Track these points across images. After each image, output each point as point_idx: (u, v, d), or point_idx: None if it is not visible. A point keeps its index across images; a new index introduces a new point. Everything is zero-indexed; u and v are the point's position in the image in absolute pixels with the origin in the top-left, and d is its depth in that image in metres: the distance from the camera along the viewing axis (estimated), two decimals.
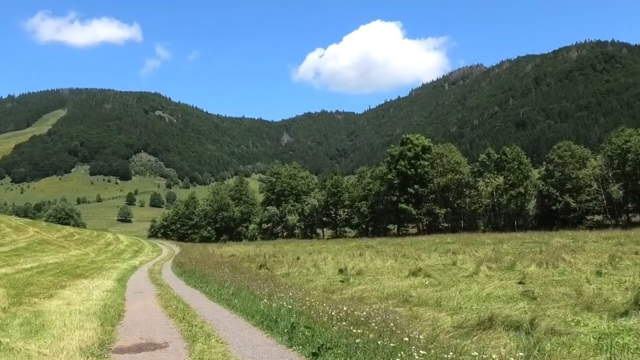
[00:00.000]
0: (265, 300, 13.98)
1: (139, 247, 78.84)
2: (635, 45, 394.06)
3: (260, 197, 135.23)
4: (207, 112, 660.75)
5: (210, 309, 14.96)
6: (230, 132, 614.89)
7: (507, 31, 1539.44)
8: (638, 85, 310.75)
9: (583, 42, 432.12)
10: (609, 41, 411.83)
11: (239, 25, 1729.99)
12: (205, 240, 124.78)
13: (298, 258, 39.72)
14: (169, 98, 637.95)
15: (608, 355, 8.89)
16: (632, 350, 9.26)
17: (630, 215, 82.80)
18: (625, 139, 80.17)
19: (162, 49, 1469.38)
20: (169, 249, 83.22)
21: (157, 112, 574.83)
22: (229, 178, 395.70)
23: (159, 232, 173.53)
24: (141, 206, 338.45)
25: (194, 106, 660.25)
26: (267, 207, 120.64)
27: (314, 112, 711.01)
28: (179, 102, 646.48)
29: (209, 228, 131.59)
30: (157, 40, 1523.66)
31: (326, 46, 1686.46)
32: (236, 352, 9.38)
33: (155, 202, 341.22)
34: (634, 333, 10.56)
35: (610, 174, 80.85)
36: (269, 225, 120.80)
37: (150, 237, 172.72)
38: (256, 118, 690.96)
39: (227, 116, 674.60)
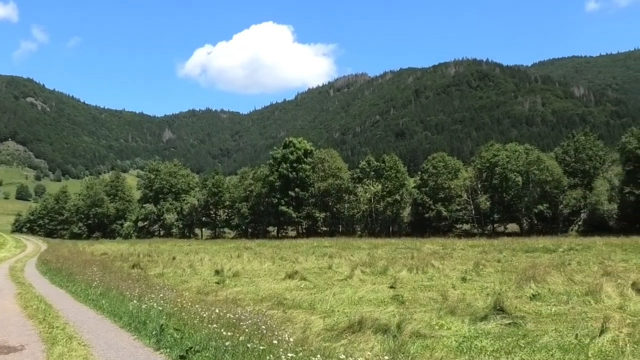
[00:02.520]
0: (135, 302, 13.51)
1: (1, 242, 74.07)
2: (507, 65, 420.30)
3: (137, 194, 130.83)
4: (84, 103, 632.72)
5: (75, 310, 14.27)
6: (108, 124, 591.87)
7: (392, 44, 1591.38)
8: (508, 104, 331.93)
9: (460, 59, 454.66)
10: (484, 60, 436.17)
11: (125, 14, 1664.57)
12: (76, 237, 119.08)
13: (174, 258, 38.87)
14: (43, 85, 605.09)
15: (467, 357, 9.34)
16: (488, 353, 9.78)
17: (495, 225, 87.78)
18: (494, 153, 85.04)
19: (40, 32, 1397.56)
20: (34, 245, 78.84)
21: (29, 99, 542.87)
22: (105, 172, 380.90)
23: (25, 226, 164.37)
24: (6, 198, 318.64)
25: (70, 95, 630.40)
26: (144, 205, 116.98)
27: (198, 109, 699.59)
28: (54, 89, 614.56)
29: (80, 224, 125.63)
30: (34, 21, 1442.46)
31: (215, 43, 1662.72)
32: (99, 355, 8.99)
33: (22, 195, 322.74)
34: (491, 336, 11.17)
35: (479, 186, 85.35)
36: (145, 223, 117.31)
37: (14, 231, 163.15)
38: (137, 112, 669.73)
39: (106, 108, 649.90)
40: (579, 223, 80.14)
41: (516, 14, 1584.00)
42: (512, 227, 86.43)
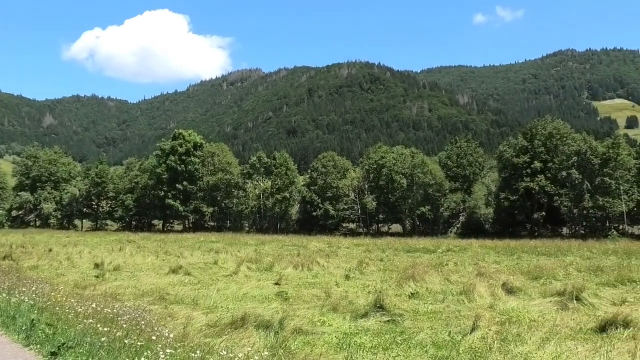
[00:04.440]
0: (4, 295, 12.74)
1: None
2: (397, 70, 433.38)
3: (12, 182, 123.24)
4: None
5: None
6: None
7: (288, 42, 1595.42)
8: (397, 107, 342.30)
9: (354, 61, 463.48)
10: (376, 64, 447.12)
11: None
12: None
13: (50, 250, 37.02)
14: None
15: (346, 353, 9.53)
16: (367, 349, 10.04)
17: (380, 225, 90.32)
18: (382, 155, 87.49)
19: None
20: None
21: None
22: None
23: None
24: None
25: None
26: (19, 193, 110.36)
27: (83, 95, 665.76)
28: None
29: None
30: None
31: (105, 27, 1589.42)
32: None
33: None
34: (370, 333, 11.47)
35: (366, 186, 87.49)
36: (20, 212, 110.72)
37: None
38: (15, 94, 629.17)
39: None
40: (458, 225, 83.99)
41: (408, 21, 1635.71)
42: (396, 227, 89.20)
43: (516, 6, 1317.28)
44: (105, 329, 8.77)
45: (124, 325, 9.27)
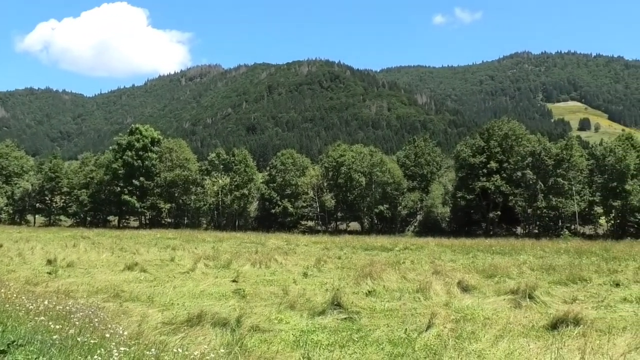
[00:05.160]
0: None
1: None
2: (357, 69, 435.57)
3: None
4: None
5: None
6: None
7: (249, 38, 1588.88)
8: (356, 106, 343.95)
9: (314, 59, 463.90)
10: (336, 62, 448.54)
11: None
12: None
13: (1, 245, 36.07)
14: None
15: (303, 351, 9.54)
16: (324, 346, 10.08)
17: (338, 222, 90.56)
18: (341, 153, 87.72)
19: None
20: None
21: None
22: None
23: None
24: None
25: None
26: None
27: (37, 88, 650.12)
28: None
29: None
30: None
31: (61, 19, 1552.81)
32: None
33: None
34: (327, 330, 11.52)
35: (325, 184, 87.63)
36: None
37: None
38: None
39: None
40: (415, 224, 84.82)
41: (368, 21, 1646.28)
42: (354, 225, 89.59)
43: (475, 8, 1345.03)
44: (58, 326, 8.58)
45: (77, 323, 9.08)
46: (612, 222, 72.94)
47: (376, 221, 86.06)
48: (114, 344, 7.51)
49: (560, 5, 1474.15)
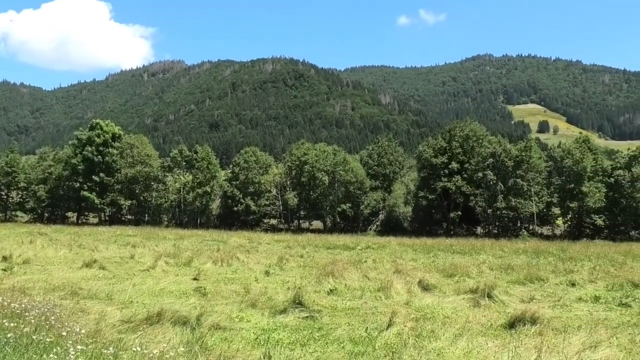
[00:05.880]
0: None
1: None
2: (322, 68, 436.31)
3: None
4: None
5: None
6: None
7: (213, 35, 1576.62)
8: (320, 105, 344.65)
9: (278, 57, 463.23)
10: (301, 60, 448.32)
11: None
12: None
13: None
14: None
15: (264, 349, 9.50)
16: (285, 345, 10.07)
17: (301, 221, 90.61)
18: (304, 151, 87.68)
19: None
20: None
21: None
22: None
23: None
24: None
25: None
26: None
27: None
28: None
29: None
30: None
31: (20, 10, 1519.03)
32: None
33: None
34: (289, 329, 11.52)
35: (288, 182, 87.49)
36: None
37: None
38: None
39: None
40: (378, 223, 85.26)
41: (333, 20, 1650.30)
42: (317, 224, 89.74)
43: (439, 10, 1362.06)
44: (12, 324, 8.38)
45: (33, 321, 8.90)
46: (569, 223, 74.68)
47: (339, 220, 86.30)
48: (70, 342, 7.37)
49: (522, 9, 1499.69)
